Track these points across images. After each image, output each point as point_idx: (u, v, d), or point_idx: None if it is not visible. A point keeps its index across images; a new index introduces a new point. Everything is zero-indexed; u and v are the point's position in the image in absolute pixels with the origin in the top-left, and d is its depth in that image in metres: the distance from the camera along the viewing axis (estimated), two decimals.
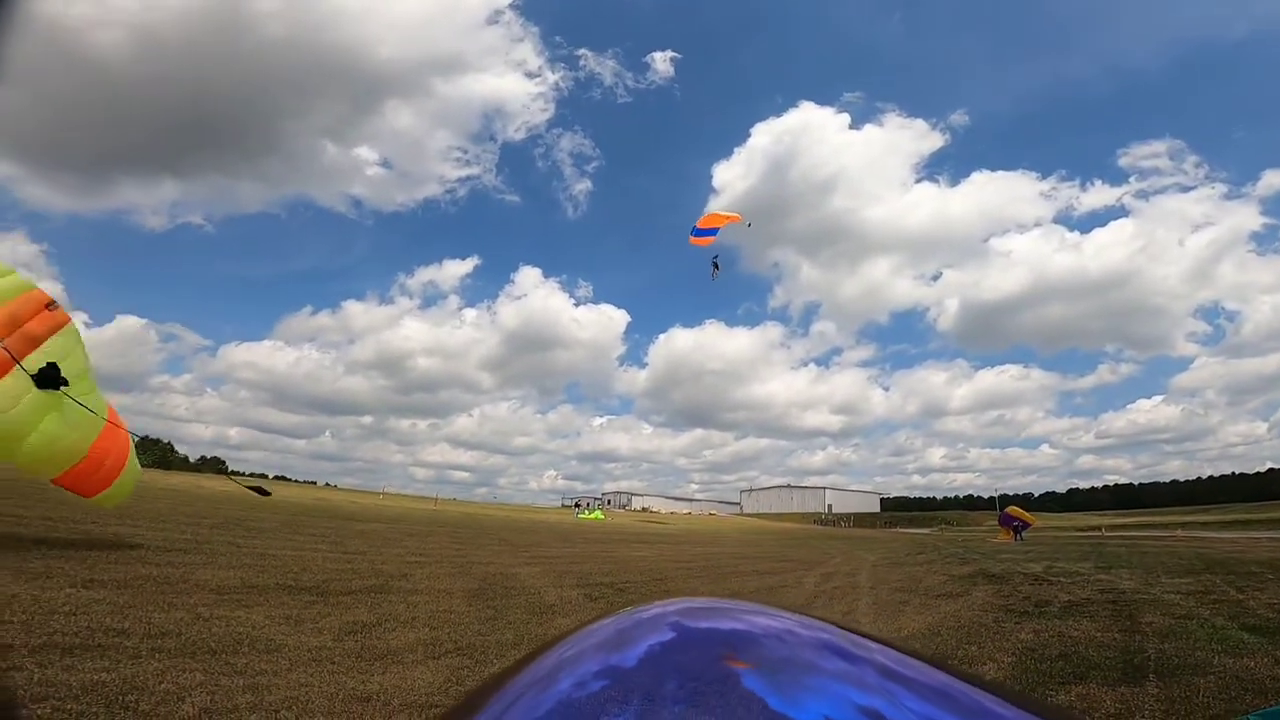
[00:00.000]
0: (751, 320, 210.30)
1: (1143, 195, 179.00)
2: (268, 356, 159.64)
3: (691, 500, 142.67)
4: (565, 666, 0.69)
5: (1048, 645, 6.94)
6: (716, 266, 23.90)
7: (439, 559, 14.00)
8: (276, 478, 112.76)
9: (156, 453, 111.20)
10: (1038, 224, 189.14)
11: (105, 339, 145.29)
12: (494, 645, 6.45)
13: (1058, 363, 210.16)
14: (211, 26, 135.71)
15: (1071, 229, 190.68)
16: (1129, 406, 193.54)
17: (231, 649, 5.21)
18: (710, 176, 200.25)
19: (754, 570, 16.53)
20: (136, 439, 8.69)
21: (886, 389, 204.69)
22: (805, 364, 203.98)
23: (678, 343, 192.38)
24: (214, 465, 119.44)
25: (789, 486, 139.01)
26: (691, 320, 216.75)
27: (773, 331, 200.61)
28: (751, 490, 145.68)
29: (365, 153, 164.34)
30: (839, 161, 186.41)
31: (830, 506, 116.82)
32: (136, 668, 4.35)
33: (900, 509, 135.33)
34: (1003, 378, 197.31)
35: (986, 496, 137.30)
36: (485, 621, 7.63)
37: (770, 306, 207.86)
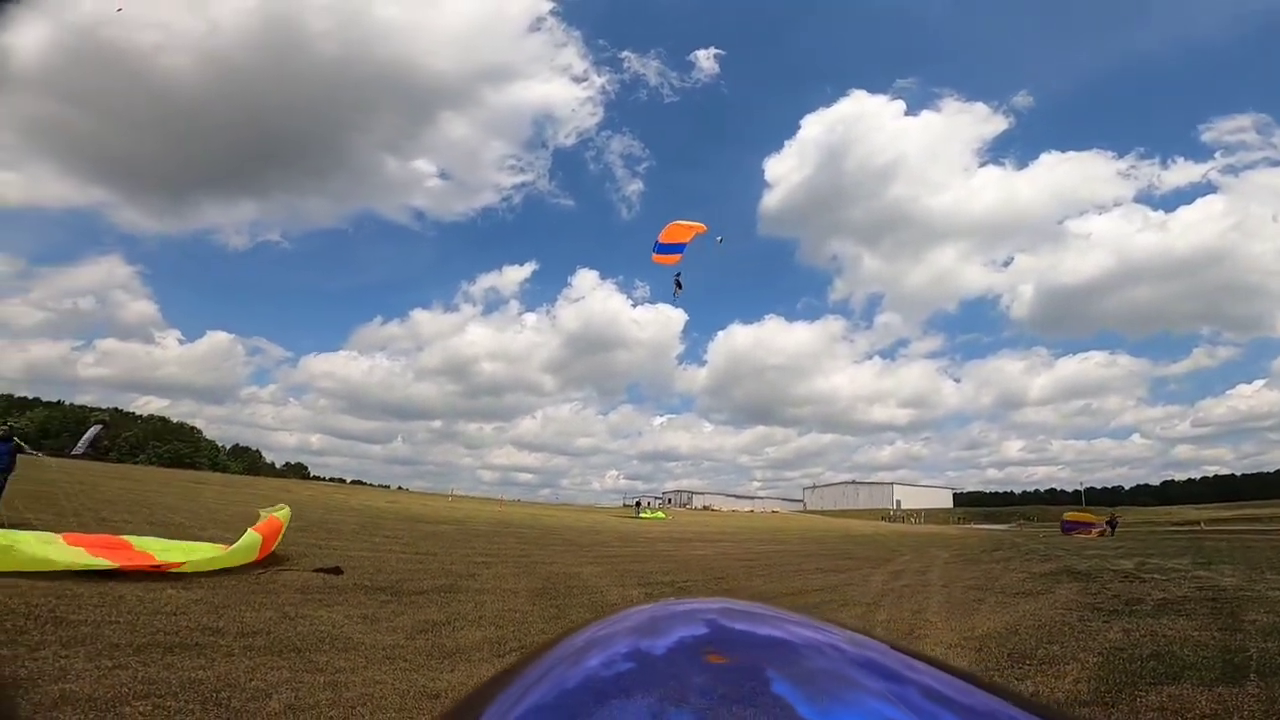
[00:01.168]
0: (812, 314, 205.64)
1: (1230, 170, 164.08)
2: (344, 366, 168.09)
3: (753, 498, 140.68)
4: (558, 671, 0.70)
5: (1139, 645, 6.56)
6: (679, 285, 22.18)
7: (504, 559, 14.37)
8: (353, 481, 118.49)
9: (247, 460, 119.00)
10: (1117, 204, 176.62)
11: (198, 354, 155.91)
12: None
13: (1147, 348, 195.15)
14: (269, 48, 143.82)
15: (1155, 208, 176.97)
16: (1228, 392, 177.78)
17: (314, 647, 5.54)
18: (762, 171, 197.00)
19: (817, 569, 16.20)
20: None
21: (958, 380, 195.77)
22: (870, 357, 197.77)
23: (737, 339, 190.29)
24: (298, 471, 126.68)
25: (854, 482, 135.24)
26: (750, 316, 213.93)
27: (834, 325, 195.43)
28: (815, 487, 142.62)
29: (423, 165, 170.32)
30: (896, 149, 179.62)
31: (899, 503, 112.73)
32: (229, 665, 4.70)
33: (975, 504, 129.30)
34: (1086, 365, 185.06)
35: (1070, 490, 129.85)
36: (549, 620, 7.81)
37: (831, 300, 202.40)
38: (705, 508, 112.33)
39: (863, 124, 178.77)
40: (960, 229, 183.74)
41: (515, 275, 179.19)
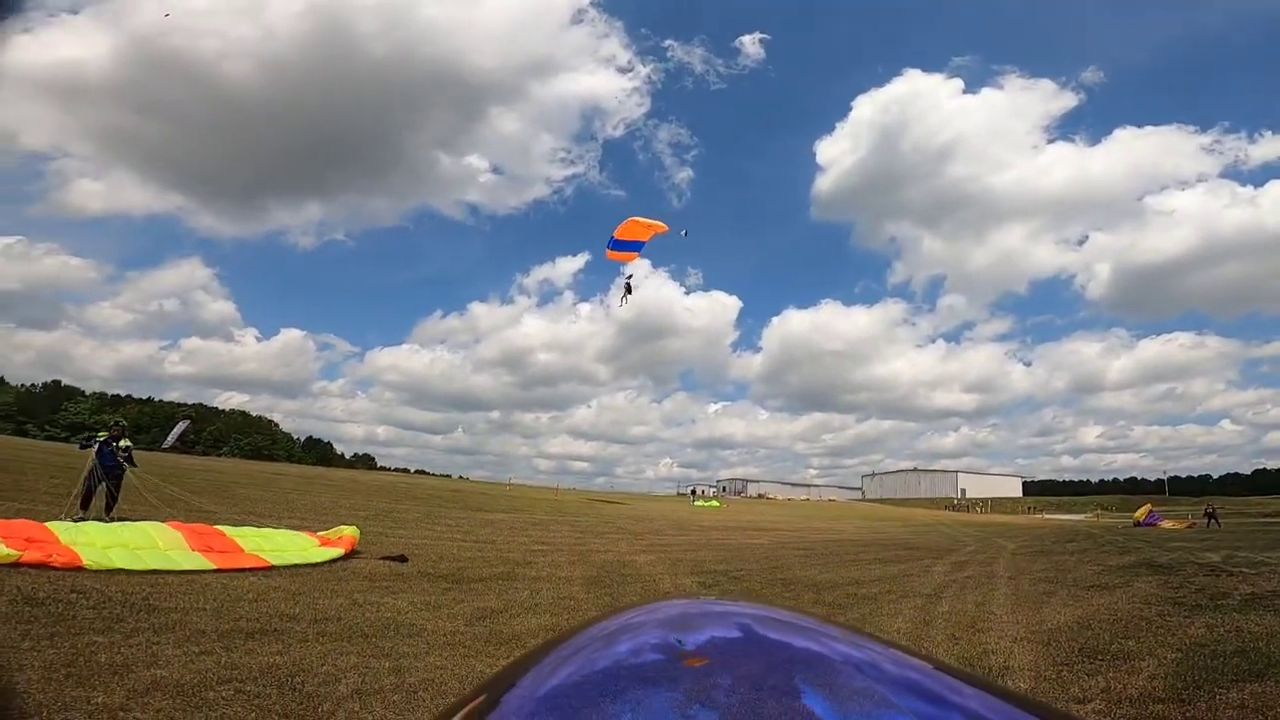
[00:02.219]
0: (870, 298, 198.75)
1: None
2: (407, 359, 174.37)
3: (810, 486, 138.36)
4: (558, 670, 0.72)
5: (1222, 641, 6.18)
6: (629, 290, 20.23)
7: (560, 547, 14.66)
8: (417, 471, 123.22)
9: (319, 451, 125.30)
10: (1201, 179, 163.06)
11: (274, 351, 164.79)
12: None
13: (1238, 328, 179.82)
14: (322, 52, 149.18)
15: (1243, 183, 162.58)
16: None
17: (380, 633, 5.83)
18: (813, 154, 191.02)
19: (876, 559, 15.85)
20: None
21: (1028, 364, 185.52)
22: (932, 340, 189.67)
23: (792, 325, 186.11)
24: (366, 461, 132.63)
25: (916, 470, 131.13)
26: (805, 301, 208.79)
27: (894, 308, 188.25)
28: (874, 475, 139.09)
29: (476, 161, 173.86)
30: (955, 128, 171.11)
31: (964, 491, 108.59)
32: (304, 651, 4.99)
33: (1047, 493, 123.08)
34: (1170, 347, 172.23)
35: (1153, 479, 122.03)
36: (602, 609, 7.87)
37: (890, 283, 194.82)
38: (760, 496, 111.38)
39: (918, 104, 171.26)
40: (1028, 207, 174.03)
41: (568, 266, 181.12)
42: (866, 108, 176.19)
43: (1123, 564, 13.78)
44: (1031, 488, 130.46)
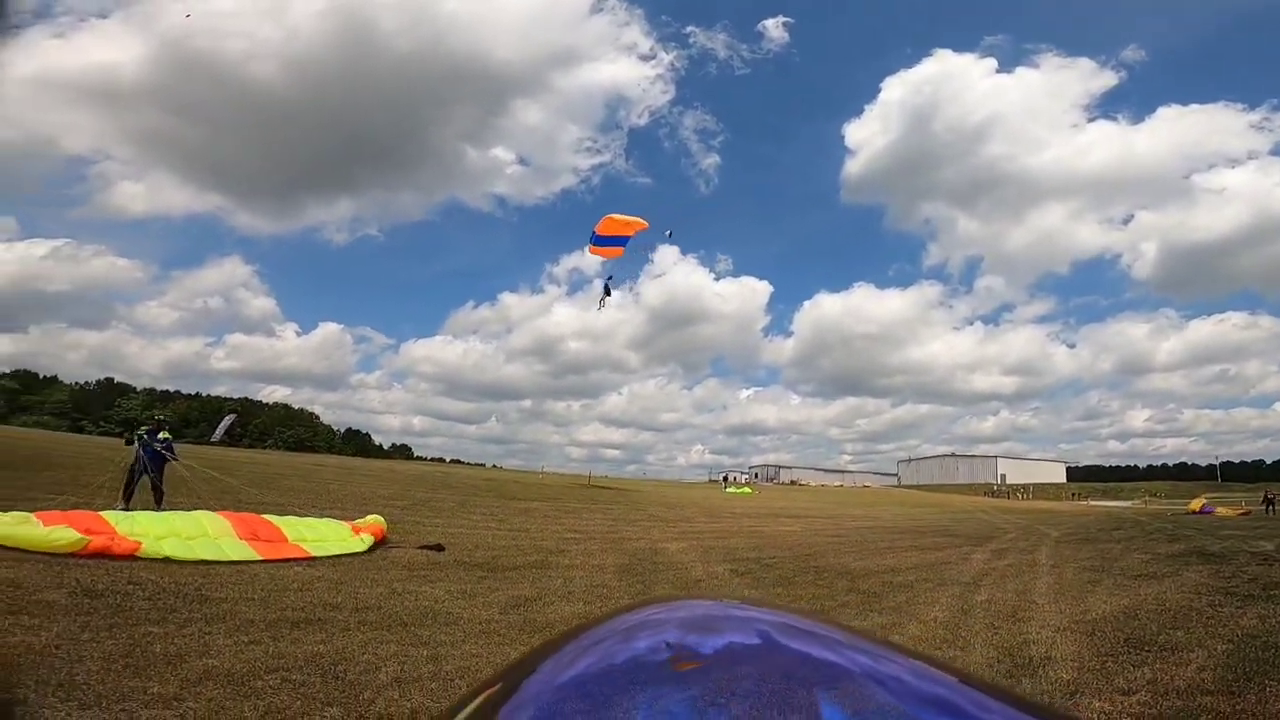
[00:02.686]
0: (904, 280, 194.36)
1: None
2: (440, 350, 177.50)
3: (844, 472, 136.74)
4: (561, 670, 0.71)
5: (1275, 632, 6.00)
6: (608, 293, 18.87)
7: (592, 535, 14.81)
8: (452, 461, 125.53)
9: (358, 443, 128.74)
10: (1251, 157, 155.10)
11: (313, 345, 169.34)
12: None
13: None
14: (346, 49, 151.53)
15: None
16: None
17: (418, 621, 5.98)
18: (842, 137, 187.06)
19: (912, 546, 15.63)
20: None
21: (1071, 346, 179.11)
22: (970, 323, 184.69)
23: (824, 309, 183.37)
24: (403, 451, 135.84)
25: (954, 455, 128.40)
26: (837, 285, 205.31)
27: (930, 291, 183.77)
28: (911, 460, 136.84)
29: (502, 153, 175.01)
30: (989, 108, 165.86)
31: (1004, 477, 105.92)
32: (346, 639, 5.15)
33: (1092, 479, 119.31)
34: (1223, 327, 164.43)
35: (1205, 465, 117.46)
36: (634, 596, 8.02)
37: (925, 265, 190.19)
38: (793, 482, 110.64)
39: (950, 84, 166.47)
40: (1069, 187, 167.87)
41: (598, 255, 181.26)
42: (896, 89, 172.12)
43: (1172, 552, 13.34)
44: (1075, 473, 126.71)
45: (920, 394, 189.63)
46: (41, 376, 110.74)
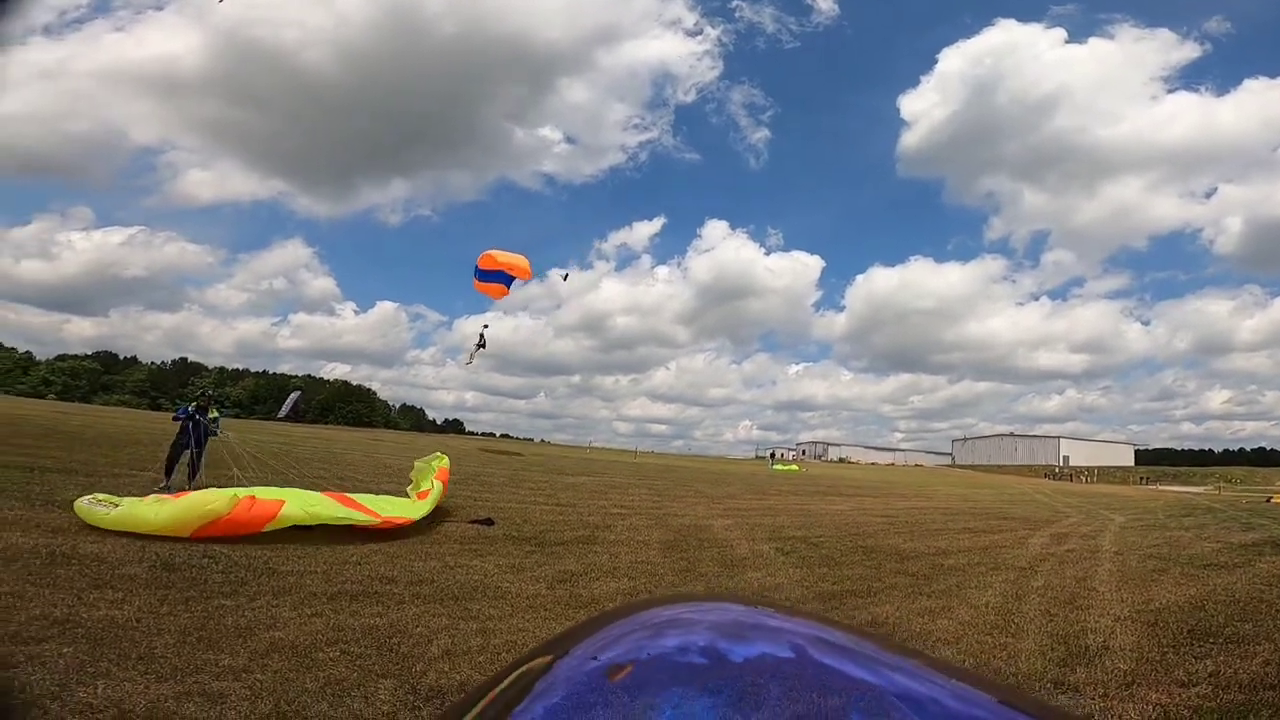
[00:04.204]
0: (965, 255, 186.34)
1: None
2: (492, 326, 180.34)
3: (895, 450, 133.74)
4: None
5: None
6: (481, 344, 18.59)
7: (638, 510, 14.94)
8: (502, 435, 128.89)
9: (413, 418, 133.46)
10: None
11: (370, 323, 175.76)
12: None
13: None
14: (395, 33, 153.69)
15: None
16: None
17: (469, 595, 6.21)
18: (897, 109, 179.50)
19: (966, 528, 15.22)
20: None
21: (1146, 323, 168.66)
22: (1036, 298, 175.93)
23: (878, 283, 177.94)
24: (456, 427, 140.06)
25: (1013, 435, 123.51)
26: (893, 259, 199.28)
27: (992, 265, 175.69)
28: (966, 439, 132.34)
29: (549, 133, 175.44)
30: (1058, 79, 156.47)
31: (1066, 459, 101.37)
32: (400, 612, 5.40)
33: (1163, 463, 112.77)
34: None
35: None
36: (679, 573, 8.11)
37: (987, 239, 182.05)
38: (842, 460, 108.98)
39: (1015, 55, 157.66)
40: (1145, 160, 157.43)
41: (645, 230, 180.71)
42: (954, 60, 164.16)
43: (1245, 541, 12.61)
44: (1145, 456, 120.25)
45: (979, 371, 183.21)
46: (121, 357, 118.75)
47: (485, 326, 17.29)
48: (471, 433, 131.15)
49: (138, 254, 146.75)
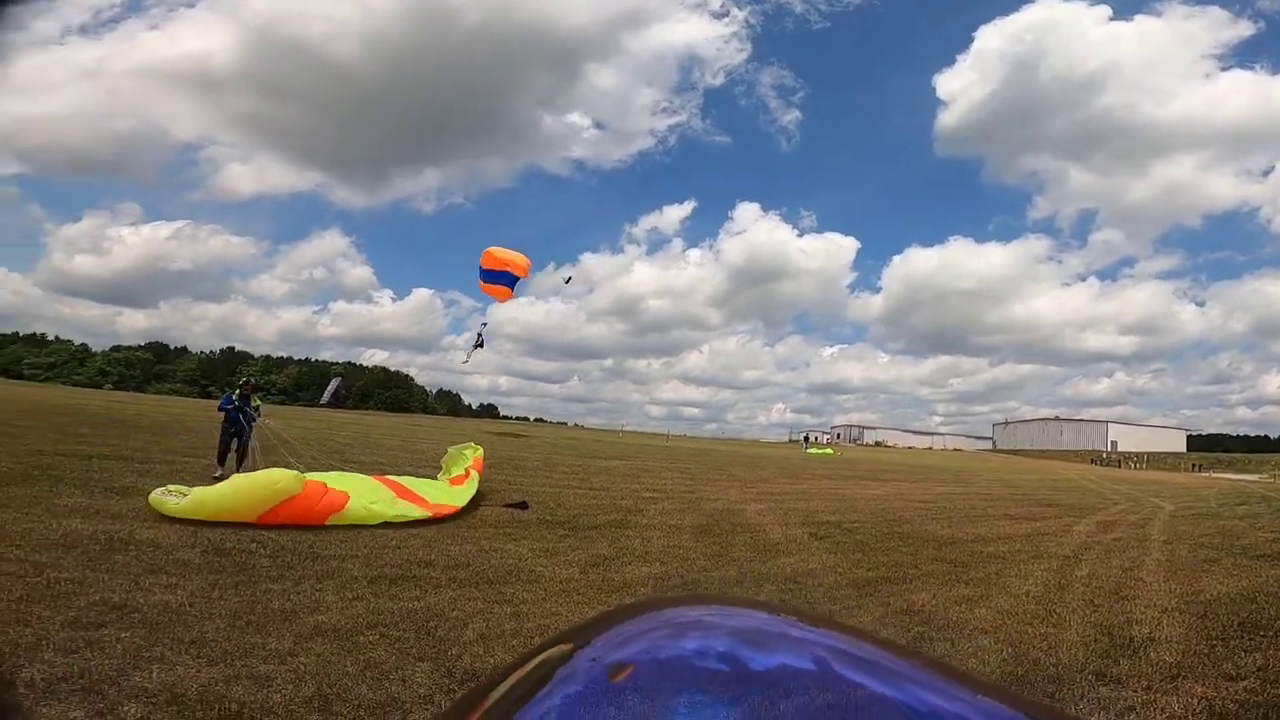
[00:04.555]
0: (1007, 234, 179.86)
1: None
2: (524, 311, 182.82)
3: (933, 434, 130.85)
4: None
5: None
6: (480, 343, 17.42)
7: (670, 495, 14.97)
8: (536, 419, 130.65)
9: (449, 402, 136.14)
10: None
11: (407, 310, 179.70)
12: (717, 582, 6.88)
13: None
14: (420, 24, 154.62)
15: None
16: None
17: (503, 579, 6.32)
18: (932, 88, 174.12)
19: (1007, 515, 14.88)
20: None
21: (1200, 304, 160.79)
22: (1083, 278, 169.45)
23: (916, 264, 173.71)
24: (490, 411, 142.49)
25: (1058, 419, 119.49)
26: (931, 239, 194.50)
27: (1036, 245, 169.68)
28: (1008, 423, 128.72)
29: (578, 119, 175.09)
30: (1104, 56, 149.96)
31: (1114, 444, 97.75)
32: (437, 596, 5.53)
33: (1216, 449, 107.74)
34: None
35: None
36: (711, 558, 8.12)
37: (1031, 218, 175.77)
38: (878, 444, 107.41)
39: (1057, 32, 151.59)
40: (1199, 138, 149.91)
41: (676, 214, 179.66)
42: (992, 38, 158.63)
43: None
44: (1197, 442, 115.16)
45: (1022, 353, 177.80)
46: (172, 347, 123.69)
47: (484, 324, 17.09)
48: (506, 417, 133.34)
49: (184, 247, 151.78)
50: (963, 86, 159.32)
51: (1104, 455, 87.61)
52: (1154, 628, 5.72)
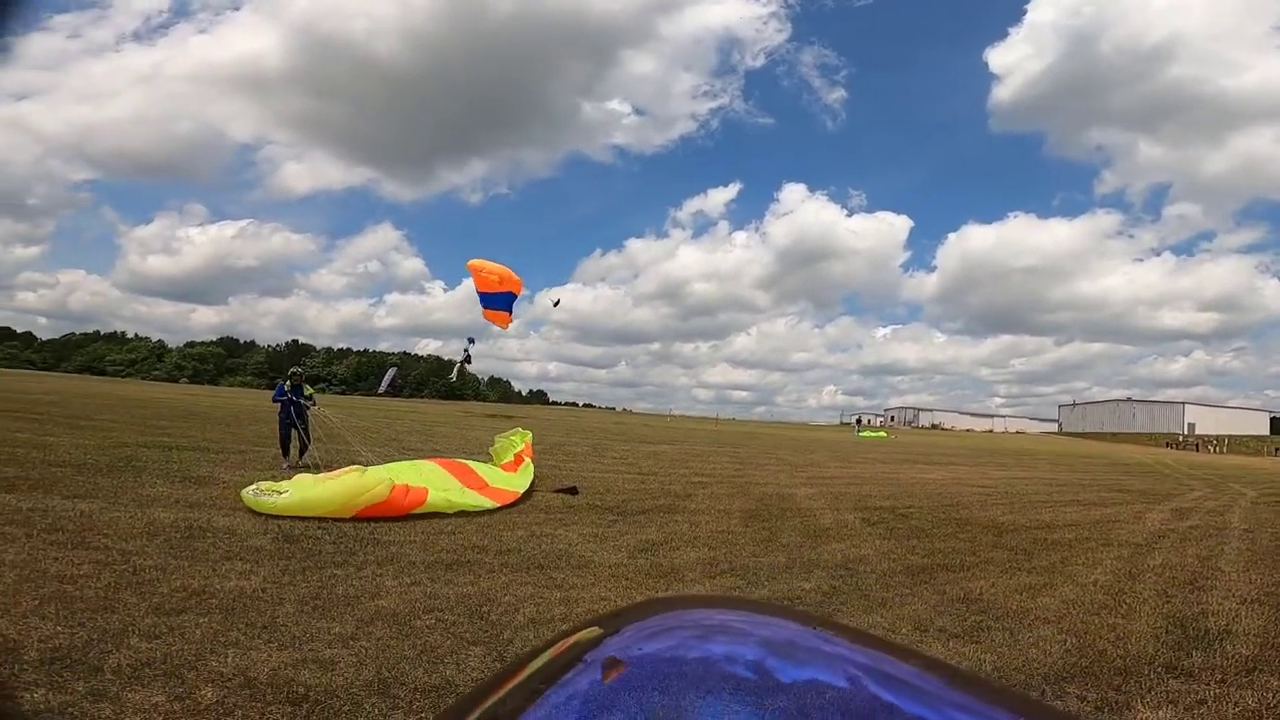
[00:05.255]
0: (1072, 210, 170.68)
1: None
2: (571, 298, 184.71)
3: (994, 416, 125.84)
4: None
5: None
6: (468, 361, 15.95)
7: (719, 479, 14.95)
8: (585, 405, 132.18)
9: (500, 389, 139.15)
10: None
11: (458, 300, 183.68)
12: (766, 568, 6.82)
13: None
14: (455, 17, 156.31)
15: None
16: None
17: (554, 564, 6.46)
18: (984, 63, 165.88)
19: (1074, 500, 14.24)
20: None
21: None
22: (1157, 253, 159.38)
23: (973, 242, 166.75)
24: (540, 397, 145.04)
25: (1129, 401, 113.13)
26: (989, 216, 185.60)
27: (1105, 220, 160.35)
28: (1076, 405, 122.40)
29: (617, 105, 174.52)
30: (1168, 28, 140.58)
31: (1192, 426, 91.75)
32: (491, 581, 5.69)
33: None
34: None
35: None
36: (760, 543, 8.07)
37: (1098, 193, 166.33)
38: (934, 426, 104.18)
39: (1118, 3, 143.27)
40: (1278, 109, 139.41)
41: (721, 197, 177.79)
42: (1046, 10, 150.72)
43: None
44: None
45: (1090, 331, 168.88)
46: (241, 342, 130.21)
47: (471, 340, 16.38)
48: (555, 402, 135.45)
49: (249, 245, 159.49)
50: (1017, 60, 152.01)
51: (1180, 438, 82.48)
52: (1230, 620, 5.42)
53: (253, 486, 8.05)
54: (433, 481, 8.88)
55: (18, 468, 8.92)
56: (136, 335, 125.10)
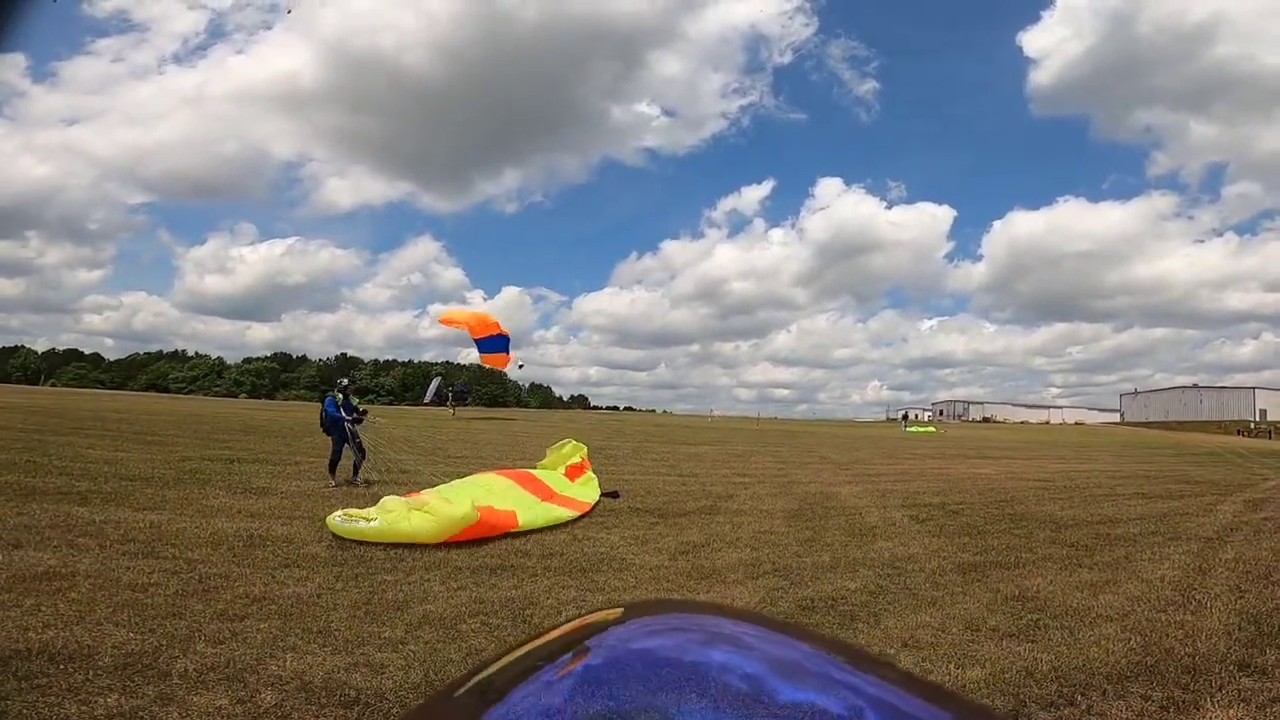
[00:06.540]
0: (1124, 193, 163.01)
1: None
2: (609, 302, 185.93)
3: (1050, 407, 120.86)
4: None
5: None
6: (465, 401, 14.54)
7: (761, 479, 14.79)
8: (625, 408, 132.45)
9: (541, 395, 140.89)
10: None
11: (498, 308, 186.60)
12: (810, 568, 6.72)
13: None
14: (480, 27, 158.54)
15: None
16: None
17: (596, 567, 6.51)
18: (1018, 47, 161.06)
19: (1138, 493, 13.59)
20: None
21: None
22: (1219, 234, 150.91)
23: (1020, 228, 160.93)
24: (581, 402, 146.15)
25: (1196, 387, 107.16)
26: (1036, 201, 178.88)
27: (1160, 201, 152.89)
28: (1138, 393, 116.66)
29: (646, 108, 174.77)
30: (1210, 7, 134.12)
31: (1263, 413, 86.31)
32: (533, 585, 5.78)
33: None
34: None
35: None
36: (803, 543, 7.96)
37: (1150, 175, 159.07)
38: (986, 420, 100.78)
39: None
40: None
41: (755, 194, 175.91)
42: None
43: None
44: None
45: (1151, 316, 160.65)
46: (294, 356, 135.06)
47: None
48: (596, 407, 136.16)
49: (297, 262, 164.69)
50: (1054, 43, 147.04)
51: (1251, 425, 77.76)
52: None
53: (339, 513, 7.64)
54: (512, 498, 8.74)
55: (90, 482, 9.43)
56: (197, 353, 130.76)
